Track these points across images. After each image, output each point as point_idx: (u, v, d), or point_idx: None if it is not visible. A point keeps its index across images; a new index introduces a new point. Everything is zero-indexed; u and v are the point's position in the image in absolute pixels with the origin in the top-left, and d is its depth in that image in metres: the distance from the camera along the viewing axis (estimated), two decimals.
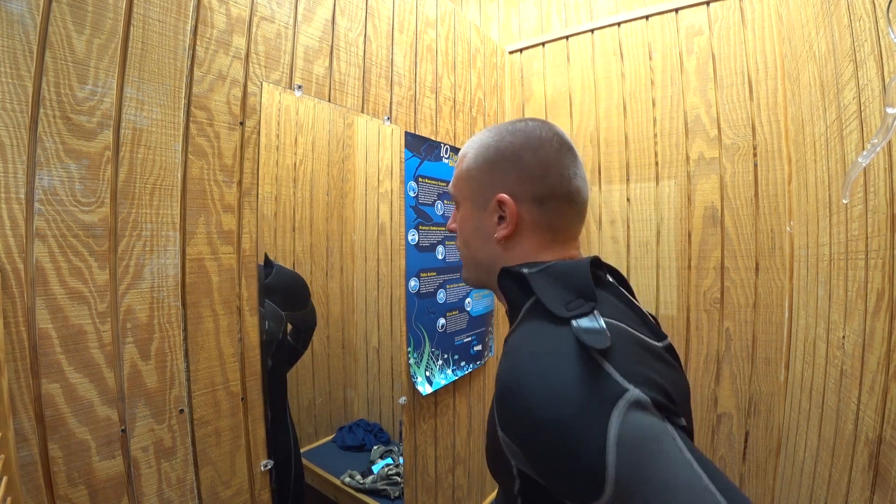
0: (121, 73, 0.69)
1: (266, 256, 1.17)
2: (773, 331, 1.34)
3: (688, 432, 0.40)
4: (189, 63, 0.78)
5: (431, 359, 1.36)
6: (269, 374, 0.93)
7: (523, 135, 0.53)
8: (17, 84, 0.60)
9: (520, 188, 0.51)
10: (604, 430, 0.35)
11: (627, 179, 1.58)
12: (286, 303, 1.17)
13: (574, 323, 0.41)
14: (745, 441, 1.37)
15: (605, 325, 0.41)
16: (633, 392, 0.36)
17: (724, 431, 1.40)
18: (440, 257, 1.40)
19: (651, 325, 0.47)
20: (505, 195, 0.51)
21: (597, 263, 0.51)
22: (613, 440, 0.34)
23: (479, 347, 1.60)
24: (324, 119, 1.44)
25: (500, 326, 1.78)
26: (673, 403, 0.38)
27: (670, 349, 0.47)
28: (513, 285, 0.51)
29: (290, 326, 1.19)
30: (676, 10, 1.48)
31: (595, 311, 0.42)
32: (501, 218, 0.53)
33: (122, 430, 0.69)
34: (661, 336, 0.47)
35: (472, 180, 0.56)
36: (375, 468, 1.44)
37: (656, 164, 1.52)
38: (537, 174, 0.51)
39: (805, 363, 1.13)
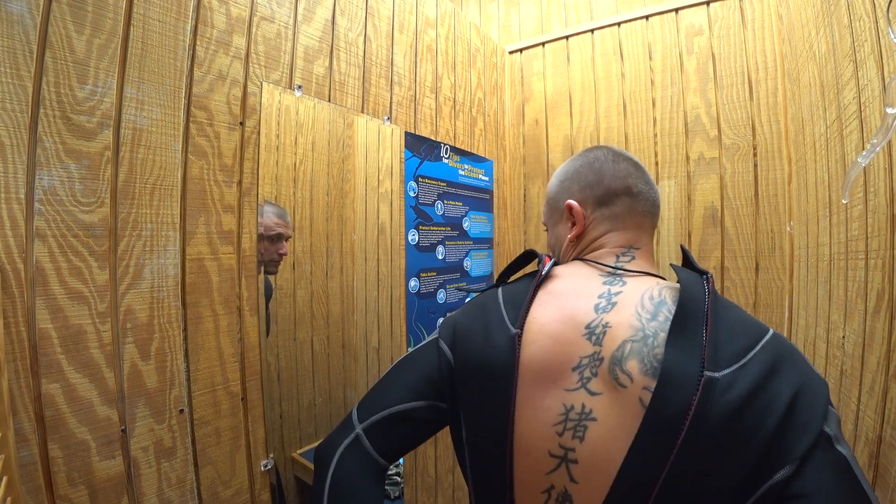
0: (121, 73, 0.69)
1: None
2: None
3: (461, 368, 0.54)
4: (189, 63, 0.78)
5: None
6: None
7: (580, 157, 0.66)
8: (17, 84, 0.60)
9: (582, 195, 0.63)
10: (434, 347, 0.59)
11: None
12: None
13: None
14: None
15: (478, 296, 0.60)
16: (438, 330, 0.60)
17: None
18: (440, 257, 1.40)
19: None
20: (571, 201, 0.62)
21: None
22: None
23: None
24: (324, 119, 1.44)
25: None
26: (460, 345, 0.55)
27: (517, 336, 0.51)
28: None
29: None
30: (676, 10, 1.48)
31: (495, 288, 0.60)
32: (573, 224, 0.63)
33: (122, 430, 0.69)
34: (519, 325, 0.52)
35: (549, 202, 0.69)
36: None
37: (656, 163, 1.52)
38: (594, 180, 0.62)
39: None
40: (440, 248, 1.40)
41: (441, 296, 1.40)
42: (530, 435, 0.48)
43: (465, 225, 1.52)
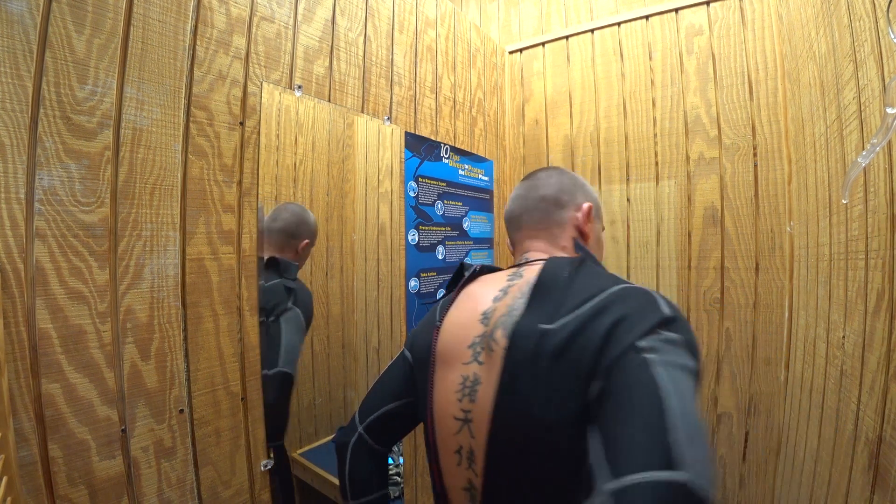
0: (121, 73, 0.69)
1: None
2: (773, 331, 1.34)
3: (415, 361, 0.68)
4: (189, 63, 0.78)
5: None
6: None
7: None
8: (17, 84, 0.60)
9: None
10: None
11: (627, 179, 1.58)
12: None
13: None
14: (745, 441, 1.37)
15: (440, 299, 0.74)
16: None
17: (724, 431, 1.40)
18: (440, 257, 1.40)
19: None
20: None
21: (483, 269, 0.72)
22: None
23: None
24: (324, 119, 1.44)
25: None
26: (413, 346, 0.68)
27: (435, 329, 0.66)
28: None
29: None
30: (676, 10, 1.48)
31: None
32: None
33: (122, 430, 0.69)
34: (439, 320, 0.66)
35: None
36: None
37: (656, 164, 1.52)
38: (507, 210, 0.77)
39: (805, 363, 1.13)
40: (440, 248, 1.40)
41: (441, 296, 1.40)
42: (442, 404, 0.59)
43: (465, 225, 1.52)
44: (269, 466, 0.89)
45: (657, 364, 0.42)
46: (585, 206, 0.68)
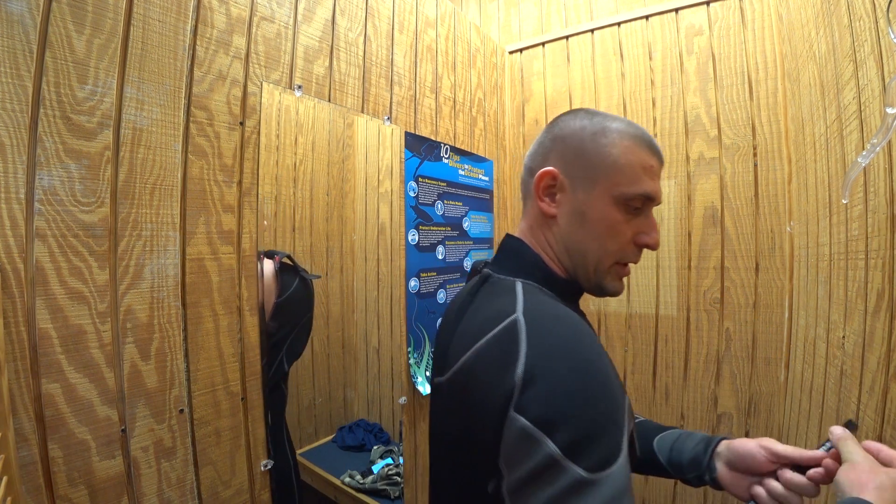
0: (121, 73, 0.69)
1: (293, 261, 1.17)
2: (773, 331, 1.34)
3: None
4: (189, 63, 0.78)
5: (432, 359, 1.36)
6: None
7: None
8: (17, 84, 0.60)
9: None
10: None
11: None
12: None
13: None
14: None
15: None
16: None
17: (723, 431, 1.40)
18: (440, 257, 1.40)
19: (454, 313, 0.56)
20: None
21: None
22: None
23: None
24: (324, 119, 1.44)
25: None
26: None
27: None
28: None
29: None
30: (676, 10, 1.48)
31: None
32: None
33: (122, 430, 0.69)
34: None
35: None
36: (375, 468, 1.44)
37: None
38: None
39: (805, 363, 1.13)
40: (440, 248, 1.40)
41: (441, 296, 1.40)
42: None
43: (465, 225, 1.52)
44: (269, 466, 0.89)
45: (516, 493, 0.38)
46: (540, 171, 0.52)
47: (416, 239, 1.31)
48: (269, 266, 1.11)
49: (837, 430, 0.49)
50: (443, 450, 0.49)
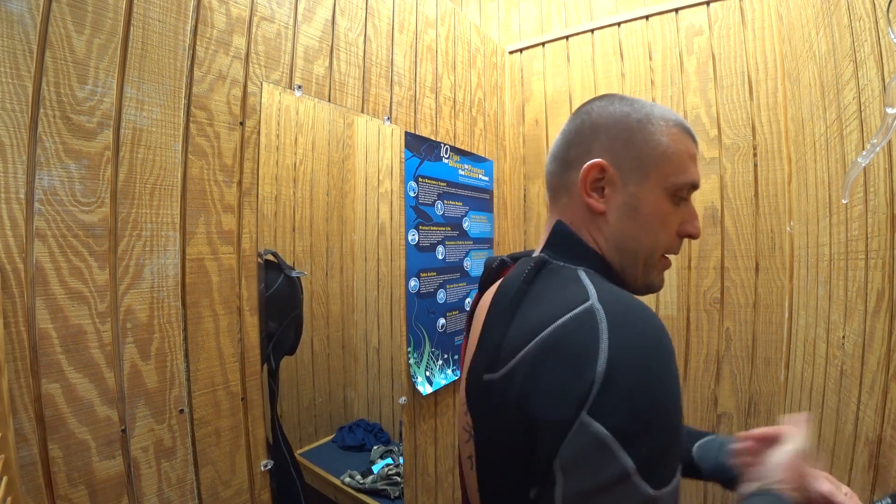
0: (121, 73, 0.69)
1: (278, 259, 1.15)
2: (773, 331, 1.34)
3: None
4: (189, 63, 0.78)
5: (431, 359, 1.36)
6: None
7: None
8: (17, 84, 0.60)
9: None
10: None
11: None
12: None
13: None
14: None
15: None
16: None
17: (723, 431, 1.40)
18: (440, 257, 1.40)
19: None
20: None
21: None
22: None
23: None
24: (324, 119, 1.44)
25: None
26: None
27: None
28: None
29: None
30: (676, 10, 1.48)
31: None
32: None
33: (122, 430, 0.69)
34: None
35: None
36: (375, 468, 1.44)
37: None
38: None
39: (805, 363, 1.13)
40: (440, 248, 1.40)
41: (441, 296, 1.40)
42: (460, 413, 0.52)
43: (465, 225, 1.52)
44: (269, 466, 0.89)
45: (580, 497, 0.34)
46: (586, 164, 0.48)
47: (416, 239, 1.31)
48: None
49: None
50: (487, 454, 0.44)
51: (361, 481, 1.39)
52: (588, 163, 0.48)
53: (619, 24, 1.59)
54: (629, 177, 0.48)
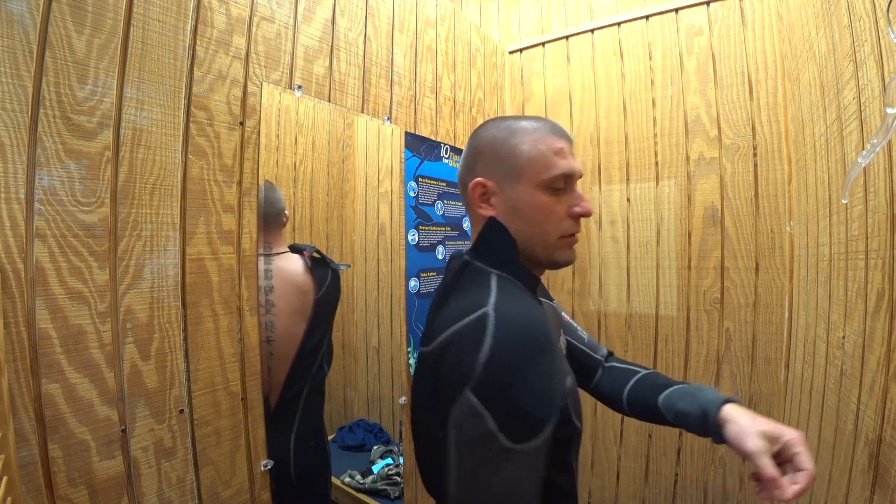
0: (121, 73, 0.69)
1: (324, 257, 1.13)
2: (773, 331, 1.34)
3: None
4: (189, 63, 0.78)
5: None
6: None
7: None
8: (17, 84, 0.60)
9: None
10: None
11: (627, 179, 1.58)
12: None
13: None
14: None
15: None
16: None
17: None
18: (440, 257, 1.40)
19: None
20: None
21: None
22: None
23: None
24: (324, 119, 1.44)
25: None
26: None
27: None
28: None
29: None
30: (676, 10, 1.48)
31: None
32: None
33: (122, 430, 0.69)
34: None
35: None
36: (375, 468, 1.44)
37: (656, 164, 1.52)
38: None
39: (805, 363, 1.13)
40: (440, 248, 1.40)
41: None
42: None
43: (465, 225, 1.52)
44: (269, 466, 0.89)
45: (451, 445, 0.49)
46: (471, 184, 0.60)
47: (416, 239, 1.31)
48: (299, 263, 1.06)
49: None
50: (420, 407, 0.59)
51: (361, 481, 1.39)
52: (472, 182, 0.60)
53: (619, 24, 1.59)
54: (505, 184, 0.59)
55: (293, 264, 1.07)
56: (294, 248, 1.11)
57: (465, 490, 0.48)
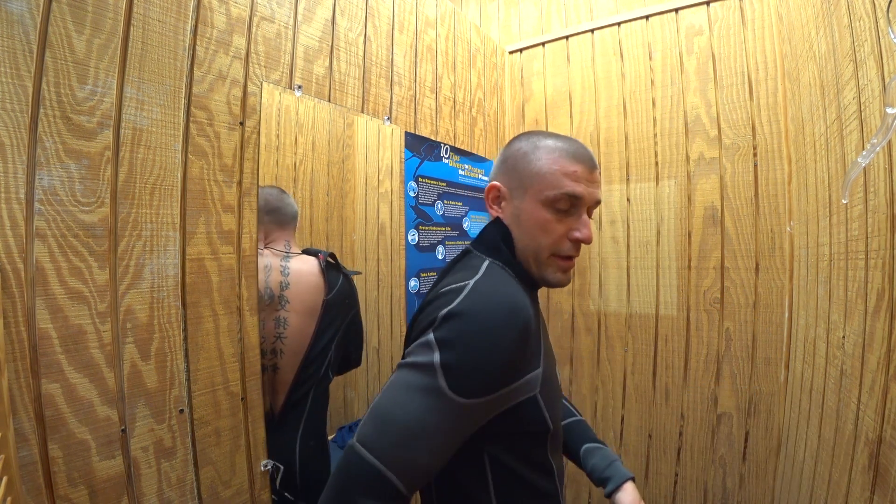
0: (121, 73, 0.69)
1: (335, 259, 1.15)
2: (773, 331, 1.34)
3: None
4: (189, 63, 0.78)
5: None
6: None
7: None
8: (17, 84, 0.60)
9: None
10: None
11: (627, 179, 1.58)
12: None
13: None
14: (745, 441, 1.37)
15: None
16: None
17: (724, 431, 1.40)
18: (440, 257, 1.40)
19: None
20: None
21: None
22: None
23: None
24: (324, 119, 1.44)
25: None
26: None
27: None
28: None
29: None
30: (676, 10, 1.48)
31: None
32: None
33: (122, 430, 0.69)
34: None
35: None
36: None
37: (656, 164, 1.52)
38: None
39: (805, 363, 1.13)
40: (440, 248, 1.40)
41: None
42: None
43: (465, 225, 1.52)
44: (269, 466, 0.89)
45: (399, 367, 0.54)
46: (488, 186, 0.68)
47: (416, 239, 1.31)
48: (314, 264, 1.11)
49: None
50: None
51: None
52: (489, 184, 0.67)
53: (619, 24, 1.59)
54: (515, 193, 0.64)
55: (308, 265, 1.11)
56: (309, 252, 1.14)
57: (386, 399, 0.52)
